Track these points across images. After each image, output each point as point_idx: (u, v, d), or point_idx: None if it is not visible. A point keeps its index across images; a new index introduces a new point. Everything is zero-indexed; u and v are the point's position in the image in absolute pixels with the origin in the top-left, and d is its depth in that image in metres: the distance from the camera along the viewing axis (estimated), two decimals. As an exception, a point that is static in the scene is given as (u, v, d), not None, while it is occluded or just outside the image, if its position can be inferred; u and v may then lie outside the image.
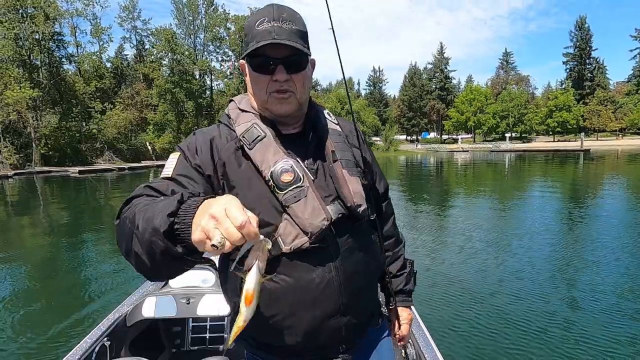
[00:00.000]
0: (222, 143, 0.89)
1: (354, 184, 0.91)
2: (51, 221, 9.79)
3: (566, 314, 3.44)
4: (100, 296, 4.40)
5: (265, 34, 0.82)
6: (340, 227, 0.88)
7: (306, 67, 0.88)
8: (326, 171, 0.91)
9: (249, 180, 0.86)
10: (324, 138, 0.95)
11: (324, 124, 0.97)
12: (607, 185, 13.07)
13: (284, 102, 0.87)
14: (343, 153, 0.94)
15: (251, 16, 0.88)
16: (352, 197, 0.89)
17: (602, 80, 65.25)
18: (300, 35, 0.86)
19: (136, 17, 46.13)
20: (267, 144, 0.87)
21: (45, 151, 30.68)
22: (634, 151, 33.56)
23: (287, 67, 0.85)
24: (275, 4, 0.87)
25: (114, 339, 1.85)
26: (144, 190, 0.78)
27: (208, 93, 47.01)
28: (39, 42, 32.42)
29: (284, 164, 0.84)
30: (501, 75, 76.54)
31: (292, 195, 0.83)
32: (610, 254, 5.18)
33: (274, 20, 0.83)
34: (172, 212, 0.59)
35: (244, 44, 0.90)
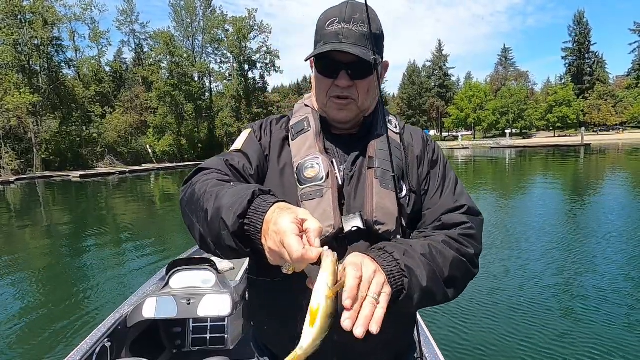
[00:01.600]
0: (277, 129, 0.93)
1: (382, 197, 0.80)
2: (53, 225, 9.81)
3: (568, 311, 3.43)
4: (101, 297, 4.42)
5: (332, 37, 0.80)
6: (356, 243, 0.80)
7: (373, 72, 0.82)
8: (361, 178, 0.85)
9: (283, 168, 0.87)
10: (374, 143, 0.88)
11: (380, 130, 0.89)
12: (609, 180, 13.04)
13: (343, 108, 0.85)
14: (383, 162, 0.84)
15: (324, 13, 0.85)
16: (372, 212, 0.79)
17: (601, 74, 65.04)
18: (373, 37, 0.80)
19: (134, 21, 46.16)
20: (307, 137, 0.87)
21: (46, 156, 30.76)
22: (635, 145, 33.44)
23: (352, 73, 0.81)
24: (351, 1, 0.82)
25: (115, 339, 1.86)
26: (219, 164, 0.83)
27: (207, 95, 47.04)
28: (38, 47, 32.50)
29: (313, 160, 0.83)
30: (500, 71, 76.39)
31: (309, 192, 0.81)
32: (614, 247, 5.17)
33: (344, 22, 0.80)
34: (242, 213, 0.61)
35: (314, 42, 0.87)
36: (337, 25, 0.80)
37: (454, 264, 0.76)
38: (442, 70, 74.25)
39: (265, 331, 0.91)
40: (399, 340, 0.88)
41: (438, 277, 0.73)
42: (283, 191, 0.84)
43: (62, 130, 32.07)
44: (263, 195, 0.64)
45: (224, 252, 0.66)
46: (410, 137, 0.93)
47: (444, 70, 74.62)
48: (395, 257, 0.68)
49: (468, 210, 0.86)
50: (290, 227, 0.55)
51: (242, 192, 0.64)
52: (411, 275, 0.68)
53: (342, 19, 0.80)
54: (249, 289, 0.95)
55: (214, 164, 0.83)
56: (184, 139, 41.24)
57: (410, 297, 0.68)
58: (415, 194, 0.87)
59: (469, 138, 62.55)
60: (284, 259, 0.55)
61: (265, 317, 0.89)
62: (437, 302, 0.75)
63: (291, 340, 0.76)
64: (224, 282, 2.08)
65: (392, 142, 0.86)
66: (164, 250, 6.44)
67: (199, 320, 2.37)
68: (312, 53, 0.83)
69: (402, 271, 0.67)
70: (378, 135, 0.88)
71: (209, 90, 47.75)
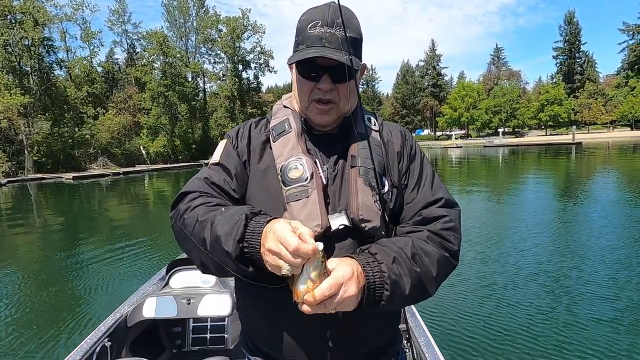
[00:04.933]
0: (257, 132, 0.93)
1: (365, 194, 0.82)
2: (49, 227, 9.72)
3: (565, 311, 3.47)
4: (101, 297, 4.42)
5: (315, 40, 0.80)
6: (343, 241, 0.81)
7: (354, 76, 0.82)
8: (344, 177, 0.86)
9: (265, 171, 0.87)
10: (350, 141, 0.89)
11: (361, 129, 0.89)
12: (600, 177, 13.24)
13: (324, 113, 0.86)
14: (365, 160, 0.85)
15: (306, 13, 0.84)
16: (357, 210, 0.80)
17: (591, 73, 65.82)
18: (353, 43, 0.82)
19: (126, 21, 45.68)
20: (289, 138, 0.87)
21: (38, 158, 30.34)
22: (624, 143, 33.95)
23: (333, 77, 0.82)
24: (332, 3, 0.81)
25: (115, 339, 1.87)
26: (200, 185, 0.84)
27: (201, 95, 46.74)
28: (29, 48, 32.02)
29: (296, 160, 0.83)
30: (493, 70, 76.93)
31: (294, 192, 0.81)
32: (605, 243, 5.27)
33: (327, 26, 0.80)
34: (240, 238, 0.66)
35: (295, 42, 0.86)
36: (320, 29, 0.80)
37: (439, 263, 0.79)
38: (435, 69, 74.58)
39: (256, 331, 0.92)
40: (388, 328, 0.92)
41: (423, 282, 0.76)
42: (268, 193, 0.85)
43: (54, 132, 31.64)
44: (256, 217, 0.69)
45: (227, 275, 0.71)
46: (390, 134, 0.94)
47: (438, 69, 74.95)
48: (382, 270, 0.71)
49: (446, 203, 0.88)
50: (285, 227, 0.62)
51: (235, 216, 0.69)
52: (394, 287, 0.71)
53: (325, 22, 0.80)
54: (239, 290, 0.94)
55: (197, 186, 0.84)
56: (178, 140, 40.94)
57: (391, 305, 0.72)
58: (396, 189, 0.89)
59: (462, 137, 62.92)
60: (282, 258, 0.61)
61: (258, 317, 0.88)
62: (419, 301, 0.83)
63: (282, 340, 0.84)
64: (223, 282, 2.09)
65: (372, 140, 0.88)
66: (163, 250, 6.43)
67: (199, 320, 2.37)
68: (297, 57, 0.81)
69: (385, 284, 0.70)
70: (359, 134, 0.89)
71: (202, 91, 47.44)
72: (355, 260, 0.71)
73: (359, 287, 0.68)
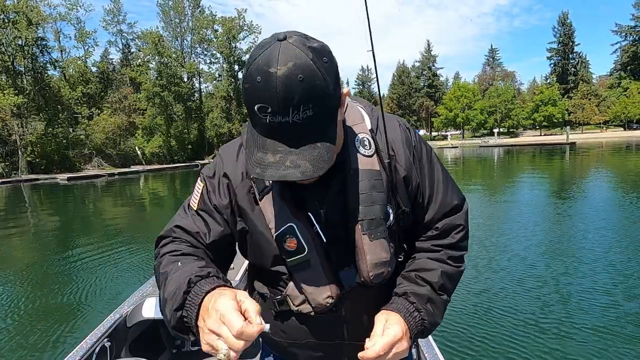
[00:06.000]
0: (237, 181, 0.78)
1: (374, 251, 0.76)
2: (44, 227, 9.64)
3: (563, 311, 3.49)
4: (100, 297, 4.41)
5: (268, 131, 0.62)
6: (353, 293, 0.79)
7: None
8: (345, 229, 0.76)
9: (261, 229, 0.78)
10: (347, 182, 0.75)
11: (352, 161, 0.76)
12: (594, 177, 13.39)
13: (305, 182, 0.74)
14: (368, 209, 0.74)
15: (249, 74, 0.60)
16: (367, 270, 0.76)
17: (585, 74, 66.53)
18: (321, 117, 0.62)
19: (121, 21, 45.52)
20: (274, 198, 0.75)
21: (32, 159, 30.12)
22: (617, 143, 34.34)
23: None
24: (279, 73, 0.57)
25: (114, 339, 1.87)
26: (173, 232, 0.80)
27: (197, 96, 46.63)
28: (22, 47, 31.77)
29: (287, 229, 0.74)
30: (488, 71, 77.49)
31: (296, 263, 0.76)
32: (600, 241, 5.34)
33: (279, 114, 0.59)
34: (179, 306, 0.62)
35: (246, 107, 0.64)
36: (272, 118, 0.59)
37: (458, 278, 0.86)
38: (431, 70, 74.98)
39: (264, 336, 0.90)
40: None
41: (447, 305, 0.83)
42: (271, 256, 0.79)
43: (48, 132, 31.41)
44: (200, 281, 0.63)
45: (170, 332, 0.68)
46: (392, 150, 0.79)
47: (433, 70, 75.36)
48: (423, 318, 0.76)
49: (459, 207, 0.86)
50: (230, 304, 0.56)
51: (181, 278, 0.64)
52: (432, 325, 0.79)
53: (275, 109, 0.58)
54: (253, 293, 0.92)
55: (170, 231, 0.80)
56: (173, 140, 40.81)
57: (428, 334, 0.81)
58: (405, 212, 0.80)
59: (457, 137, 63.29)
60: (222, 339, 0.54)
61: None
62: None
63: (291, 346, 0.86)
64: None
65: (370, 174, 0.76)
66: None
67: None
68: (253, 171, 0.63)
69: (425, 328, 0.78)
70: (354, 170, 0.75)
71: (198, 91, 47.33)
72: (399, 316, 0.73)
73: (409, 341, 0.71)
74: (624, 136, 45.43)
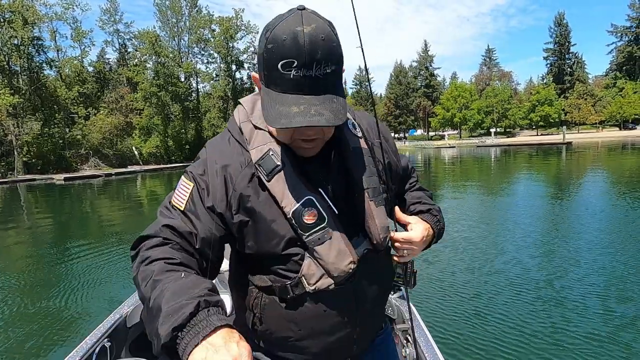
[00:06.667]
0: (237, 170, 0.77)
1: (380, 216, 0.84)
2: (42, 228, 9.59)
3: (562, 310, 3.52)
4: (100, 298, 4.39)
5: (292, 86, 0.67)
6: (364, 260, 0.82)
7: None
8: (349, 201, 0.82)
9: (270, 213, 0.77)
10: (348, 158, 0.83)
11: (347, 141, 0.84)
12: (590, 176, 13.47)
13: (310, 149, 0.78)
14: (369, 180, 0.83)
15: (274, 40, 0.66)
16: (378, 233, 0.83)
17: (581, 74, 66.93)
18: (336, 74, 0.70)
19: (118, 20, 45.35)
20: (286, 176, 0.76)
21: (28, 159, 29.96)
22: (612, 143, 34.57)
23: None
24: (306, 30, 0.65)
25: (115, 339, 1.87)
26: (162, 232, 0.74)
27: (194, 96, 46.52)
28: (18, 47, 31.59)
29: (306, 202, 0.76)
30: (485, 71, 77.80)
31: (316, 237, 0.76)
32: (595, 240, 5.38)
33: (304, 68, 0.65)
34: (179, 326, 0.56)
35: (262, 66, 0.70)
36: (297, 72, 0.66)
37: None
38: (428, 70, 75.17)
39: (271, 341, 0.87)
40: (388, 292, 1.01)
41: None
42: (282, 239, 0.77)
43: (44, 132, 31.25)
44: (209, 310, 0.59)
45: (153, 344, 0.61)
46: (368, 133, 0.91)
47: (430, 70, 75.55)
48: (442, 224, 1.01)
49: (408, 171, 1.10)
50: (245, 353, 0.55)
51: (186, 296, 0.59)
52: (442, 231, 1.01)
53: (302, 62, 0.65)
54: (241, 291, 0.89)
55: (159, 232, 0.74)
56: (170, 140, 40.70)
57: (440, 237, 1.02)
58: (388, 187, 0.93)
59: (455, 137, 63.50)
60: None
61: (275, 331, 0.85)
62: None
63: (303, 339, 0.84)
64: (223, 282, 2.10)
65: (364, 152, 0.86)
66: None
67: None
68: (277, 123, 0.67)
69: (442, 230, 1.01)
70: (352, 148, 0.84)
71: (195, 91, 47.22)
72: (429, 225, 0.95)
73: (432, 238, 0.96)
74: (619, 136, 45.74)
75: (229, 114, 48.46)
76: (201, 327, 0.56)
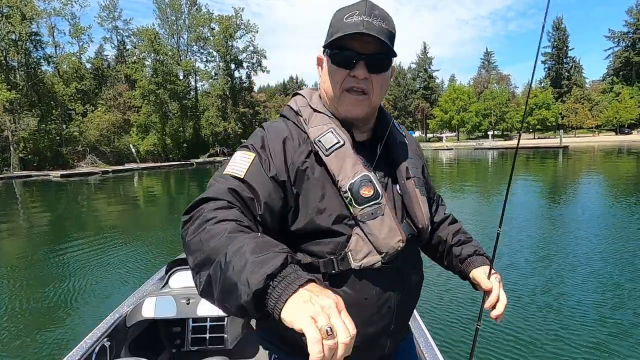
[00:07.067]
0: (295, 145, 0.81)
1: (425, 205, 0.89)
2: (39, 225, 9.53)
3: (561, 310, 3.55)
4: (100, 297, 4.38)
5: (353, 27, 0.78)
6: (408, 243, 0.84)
7: (388, 69, 0.84)
8: (394, 187, 0.88)
9: (323, 188, 0.79)
10: (394, 150, 0.90)
11: (393, 133, 0.92)
12: (586, 180, 13.56)
13: (357, 103, 0.83)
14: (415, 170, 0.91)
15: (340, 9, 0.83)
16: (424, 219, 0.87)
17: (578, 79, 67.32)
18: (389, 35, 0.81)
19: (117, 17, 45.14)
20: (345, 152, 0.80)
21: (24, 155, 29.73)
22: (609, 147, 34.81)
23: (369, 65, 0.80)
24: (368, 1, 0.81)
25: (114, 339, 1.87)
26: (228, 195, 0.72)
27: (193, 94, 46.37)
28: (16, 42, 31.37)
29: (364, 177, 0.79)
30: (483, 74, 78.08)
31: (369, 211, 0.79)
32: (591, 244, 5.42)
33: (365, 15, 0.79)
34: (272, 274, 0.53)
35: (327, 35, 0.84)
36: (357, 17, 0.78)
37: None
38: (426, 72, 75.36)
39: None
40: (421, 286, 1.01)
41: None
42: (332, 212, 0.78)
43: (41, 129, 31.01)
44: (296, 264, 0.56)
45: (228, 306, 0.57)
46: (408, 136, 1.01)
47: (429, 72, 75.75)
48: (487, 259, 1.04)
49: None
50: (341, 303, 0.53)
51: (274, 249, 0.57)
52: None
53: (362, 12, 0.79)
54: None
55: (223, 194, 0.71)
56: (168, 139, 40.52)
57: None
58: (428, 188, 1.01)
59: (452, 139, 63.70)
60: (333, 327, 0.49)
61: None
62: None
63: None
64: None
65: (409, 147, 0.95)
66: (162, 249, 6.37)
67: (198, 320, 2.36)
68: (336, 35, 0.79)
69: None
70: (399, 141, 0.93)
71: (194, 89, 47.07)
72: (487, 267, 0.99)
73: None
74: (615, 140, 46.05)
75: (227, 113, 47.93)
76: (294, 277, 0.54)
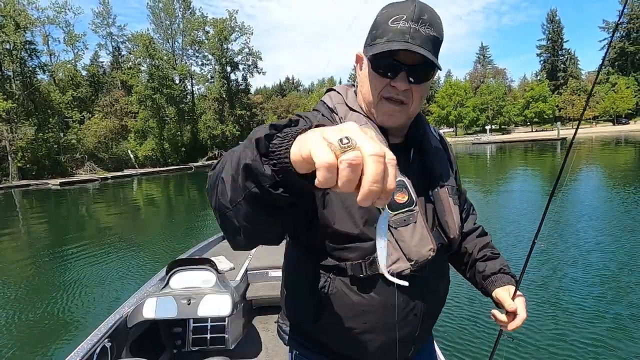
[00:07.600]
0: None
1: (457, 214, 0.86)
2: (40, 232, 9.53)
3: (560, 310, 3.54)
4: (101, 298, 4.41)
5: (398, 34, 0.74)
6: (437, 255, 0.83)
7: (430, 79, 0.80)
8: (426, 194, 0.85)
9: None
10: (429, 155, 0.87)
11: (428, 139, 0.89)
12: (585, 171, 13.58)
13: (393, 113, 0.79)
14: (449, 177, 0.88)
15: (387, 7, 0.78)
16: (455, 229, 0.85)
17: (574, 70, 67.39)
18: (436, 43, 0.76)
19: (111, 24, 45.07)
20: None
21: (23, 164, 29.72)
22: (606, 138, 34.88)
23: (411, 76, 0.76)
24: (417, 2, 0.75)
25: (115, 340, 1.87)
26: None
27: (189, 98, 46.35)
28: (10, 52, 31.36)
29: (399, 183, 0.77)
30: (479, 69, 78.12)
31: (402, 218, 0.77)
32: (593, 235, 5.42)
33: (412, 21, 0.73)
34: (277, 124, 0.50)
35: (370, 35, 0.79)
36: (404, 24, 0.74)
37: None
38: (422, 68, 75.27)
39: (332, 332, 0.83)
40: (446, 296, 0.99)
41: None
42: (364, 214, 0.75)
43: (39, 137, 31.01)
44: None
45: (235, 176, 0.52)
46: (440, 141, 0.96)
47: (425, 68, 75.67)
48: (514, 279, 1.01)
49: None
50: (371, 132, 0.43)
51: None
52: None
53: (409, 17, 0.74)
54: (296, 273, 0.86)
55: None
56: (166, 143, 40.49)
57: None
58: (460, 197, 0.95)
59: (450, 135, 63.75)
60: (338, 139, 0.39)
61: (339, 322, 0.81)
62: None
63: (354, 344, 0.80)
64: (224, 282, 2.10)
65: (444, 154, 0.91)
66: (162, 251, 6.39)
67: (199, 321, 2.37)
68: (376, 48, 0.74)
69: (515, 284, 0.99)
70: (429, 145, 0.88)
71: (191, 93, 47.05)
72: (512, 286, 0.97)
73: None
74: (613, 131, 46.11)
75: (225, 116, 47.82)
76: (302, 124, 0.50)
